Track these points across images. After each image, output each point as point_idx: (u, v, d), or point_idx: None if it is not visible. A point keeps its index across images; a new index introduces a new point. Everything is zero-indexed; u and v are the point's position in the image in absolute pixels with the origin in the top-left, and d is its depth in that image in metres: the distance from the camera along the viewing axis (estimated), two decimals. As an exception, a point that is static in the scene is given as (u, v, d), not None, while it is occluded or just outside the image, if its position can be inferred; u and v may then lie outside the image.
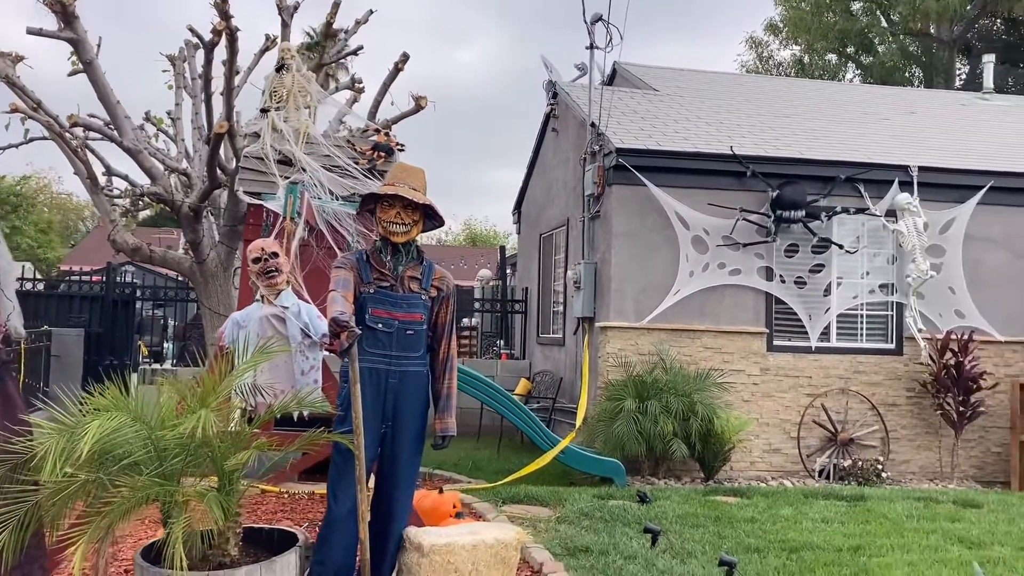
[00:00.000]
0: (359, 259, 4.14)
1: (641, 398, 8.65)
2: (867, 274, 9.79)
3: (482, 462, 9.60)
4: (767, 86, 14.19)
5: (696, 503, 7.32)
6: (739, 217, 9.32)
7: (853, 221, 9.72)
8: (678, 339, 9.34)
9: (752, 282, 9.49)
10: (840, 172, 9.60)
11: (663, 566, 5.45)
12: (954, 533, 6.54)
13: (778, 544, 6.04)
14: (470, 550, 4.25)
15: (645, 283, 9.34)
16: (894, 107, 13.30)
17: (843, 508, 7.35)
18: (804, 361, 9.58)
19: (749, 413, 9.35)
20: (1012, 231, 10.06)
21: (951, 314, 9.81)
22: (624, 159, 9.19)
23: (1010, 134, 12.19)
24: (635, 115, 10.74)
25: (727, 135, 10.22)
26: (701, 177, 9.47)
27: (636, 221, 9.37)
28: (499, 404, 8.15)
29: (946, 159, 10.27)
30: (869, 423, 9.62)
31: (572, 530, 6.34)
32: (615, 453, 8.50)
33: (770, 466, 9.44)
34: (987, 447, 9.87)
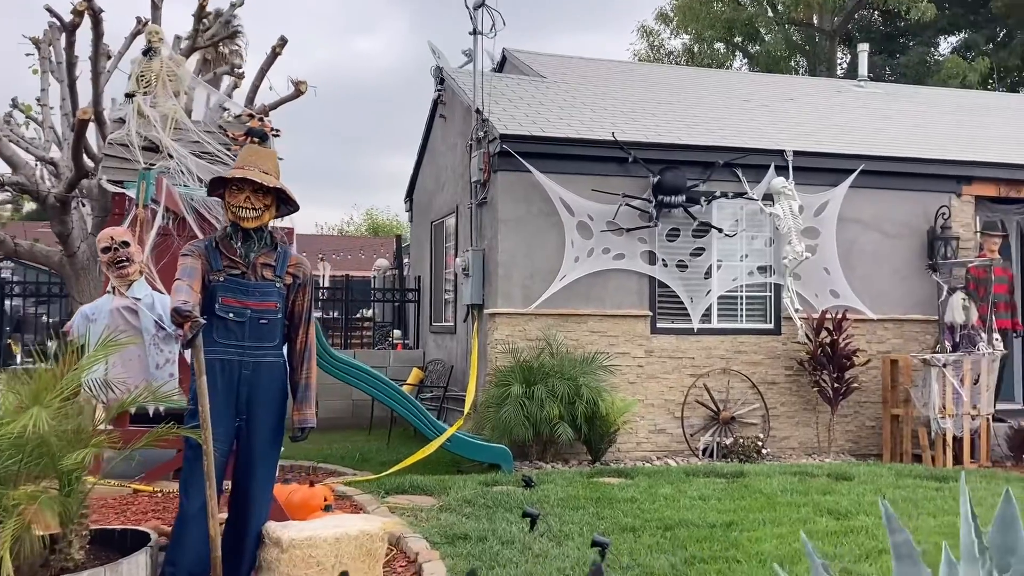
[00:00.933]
0: (208, 246, 3.99)
1: (528, 383, 8.68)
2: (746, 256, 10.04)
3: (371, 454, 9.48)
4: (653, 74, 14.40)
5: (579, 485, 7.39)
6: (622, 202, 9.42)
7: (732, 205, 9.95)
8: (565, 324, 9.40)
9: (636, 266, 9.61)
10: (719, 157, 9.80)
11: (539, 549, 5.47)
12: (824, 505, 6.77)
13: (654, 523, 6.14)
14: (333, 543, 4.16)
15: (532, 269, 9.36)
16: (774, 94, 13.67)
17: (722, 485, 7.53)
18: (687, 342, 9.78)
19: (635, 395, 9.49)
20: (883, 213, 10.47)
21: (826, 294, 10.15)
22: (508, 145, 9.18)
23: (881, 120, 12.68)
24: (521, 101, 10.74)
25: (611, 122, 10.32)
26: (585, 163, 9.54)
27: (522, 207, 9.38)
28: (383, 394, 8.05)
29: (820, 144, 10.61)
30: (750, 401, 9.89)
31: (453, 518, 6.31)
32: (503, 439, 8.50)
33: (656, 446, 9.61)
34: (862, 421, 10.27)
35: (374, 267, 21.24)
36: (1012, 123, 13.69)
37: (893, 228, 10.48)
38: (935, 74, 22.51)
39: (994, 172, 10.79)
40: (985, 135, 12.50)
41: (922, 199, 10.57)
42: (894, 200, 10.52)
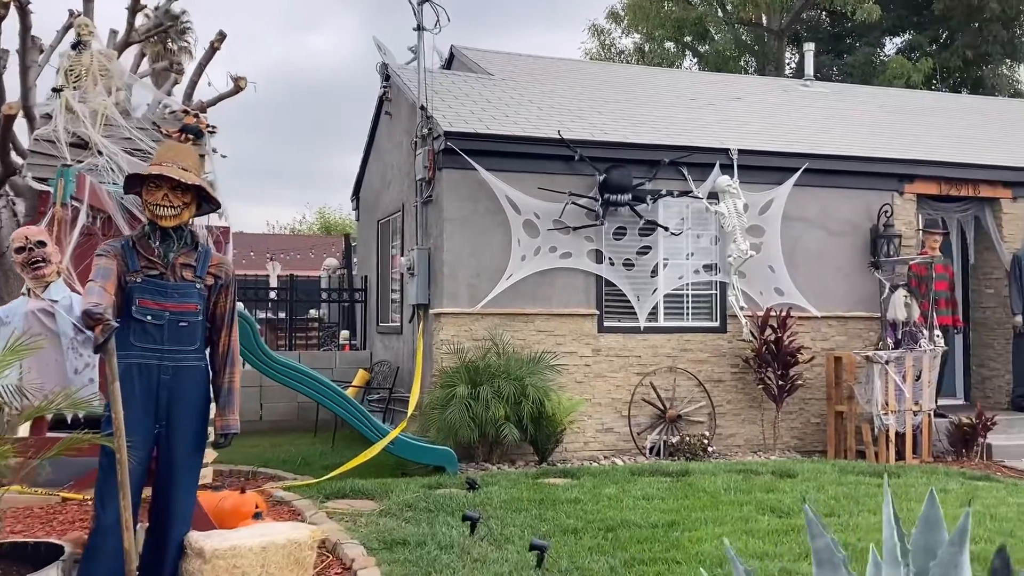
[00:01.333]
0: (124, 246, 3.83)
1: (474, 384, 8.58)
2: (692, 255, 10.06)
3: (314, 457, 9.30)
4: (602, 72, 14.39)
5: (524, 487, 7.31)
6: (568, 201, 9.37)
7: (678, 204, 9.96)
8: (512, 323, 9.31)
9: (583, 265, 9.56)
10: (664, 156, 9.79)
11: (478, 554, 5.37)
12: (766, 503, 6.77)
13: (597, 524, 6.08)
14: (259, 552, 4.02)
15: (478, 268, 9.26)
16: (721, 93, 13.73)
17: (666, 484, 7.50)
18: (634, 341, 9.75)
19: (582, 394, 9.44)
20: (827, 211, 10.55)
21: (771, 292, 10.20)
22: (453, 143, 9.07)
23: (826, 119, 12.80)
24: (467, 99, 10.64)
25: (558, 119, 10.26)
26: (531, 161, 9.47)
27: (468, 206, 9.28)
28: (323, 397, 7.89)
29: (765, 143, 10.66)
30: (697, 399, 9.90)
31: (393, 522, 6.19)
32: (448, 441, 8.40)
33: (603, 445, 9.57)
34: (807, 418, 10.34)
35: (323, 267, 20.97)
36: (954, 123, 13.92)
37: (837, 226, 10.58)
38: (880, 74, 22.86)
39: (935, 171, 10.94)
40: (928, 134, 12.69)
41: (865, 197, 10.68)
42: (838, 198, 10.61)
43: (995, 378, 11.50)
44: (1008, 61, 24.67)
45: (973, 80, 24.30)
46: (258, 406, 11.92)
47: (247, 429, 11.62)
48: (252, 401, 11.89)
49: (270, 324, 20.02)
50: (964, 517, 2.32)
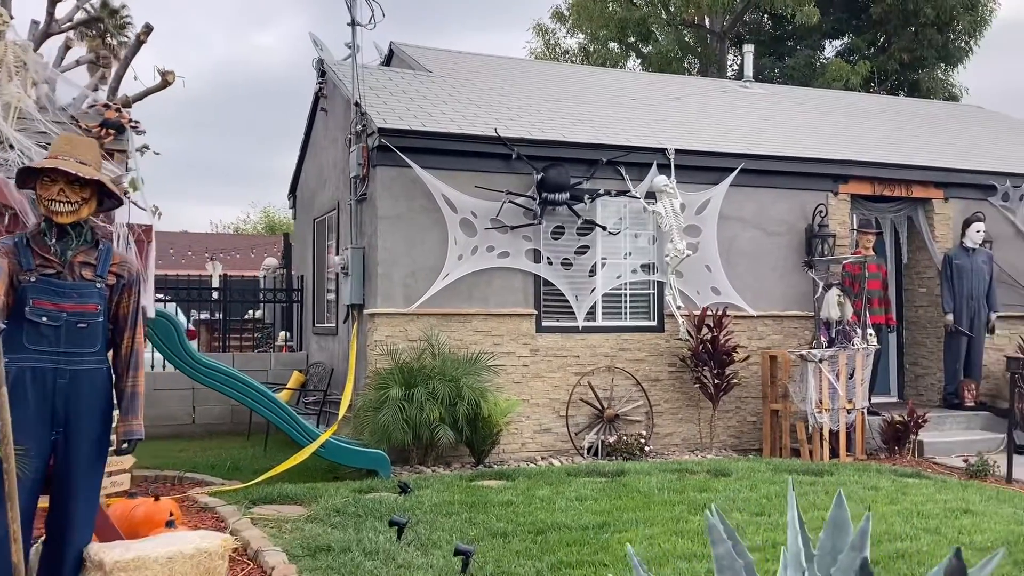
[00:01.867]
0: (18, 243, 3.64)
1: (408, 385, 8.44)
2: (629, 254, 10.04)
3: (244, 462, 9.07)
4: (544, 71, 14.33)
5: (457, 490, 7.20)
6: (505, 200, 9.28)
7: (616, 203, 9.93)
8: (448, 324, 9.19)
9: (520, 264, 9.48)
10: (602, 155, 9.76)
11: (403, 560, 5.25)
12: (699, 503, 6.75)
13: (527, 527, 5.99)
14: (164, 563, 3.85)
15: (414, 267, 9.12)
16: (662, 94, 13.77)
17: (601, 485, 7.45)
18: (572, 341, 9.70)
19: (520, 394, 9.36)
20: (763, 211, 10.62)
21: (708, 291, 10.23)
22: (387, 140, 8.92)
23: (763, 120, 12.90)
24: (404, 95, 10.49)
25: (495, 117, 10.16)
26: (468, 159, 9.35)
27: (403, 204, 9.13)
28: (251, 400, 7.68)
29: (703, 143, 10.69)
30: (634, 398, 9.88)
31: (319, 528, 6.04)
32: (381, 443, 8.25)
33: (541, 446, 9.50)
34: (743, 417, 10.39)
35: (263, 266, 20.57)
36: (889, 125, 14.14)
37: (773, 226, 10.65)
38: (820, 77, 23.20)
39: (869, 171, 11.08)
40: (863, 136, 12.86)
41: (801, 197, 10.77)
42: (774, 198, 10.69)
43: (927, 376, 11.70)
44: (943, 65, 25.22)
45: (909, 83, 24.80)
46: (191, 409, 11.63)
47: (178, 432, 11.42)
48: (184, 404, 11.60)
49: (207, 325, 19.60)
50: (864, 521, 2.28)
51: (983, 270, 11.03)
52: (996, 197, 11.78)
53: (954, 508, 6.75)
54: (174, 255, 31.33)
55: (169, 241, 31.17)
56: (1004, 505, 7.00)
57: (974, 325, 11.01)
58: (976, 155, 12.78)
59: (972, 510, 6.71)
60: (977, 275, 10.98)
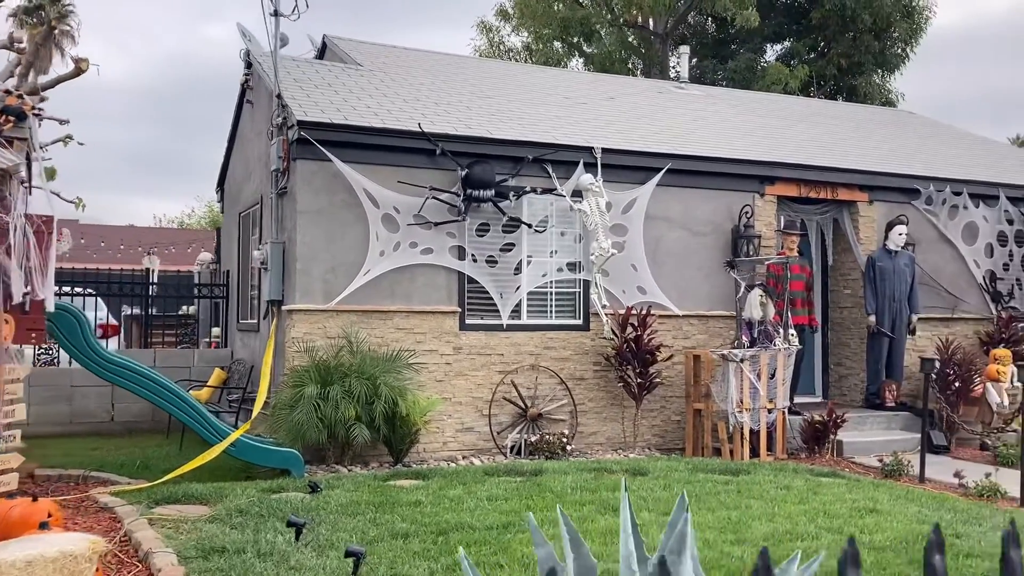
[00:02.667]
0: None
1: (325, 383, 8.30)
2: (555, 252, 10.00)
3: (156, 460, 8.84)
4: (479, 68, 14.24)
5: (367, 490, 7.07)
6: (429, 195, 9.17)
7: (542, 201, 9.88)
8: (369, 321, 9.06)
9: (444, 261, 9.39)
10: (528, 152, 9.70)
11: (296, 561, 5.13)
12: (610, 503, 6.72)
13: (431, 527, 5.90)
14: (23, 568, 3.69)
15: (334, 263, 8.97)
16: (597, 93, 13.77)
17: (515, 485, 7.39)
18: (496, 339, 9.63)
19: (442, 393, 9.27)
20: (690, 211, 10.65)
21: (634, 290, 10.23)
22: (307, 132, 8.75)
23: (695, 120, 12.97)
24: (329, 88, 10.32)
25: (422, 112, 10.05)
26: (392, 154, 9.23)
27: (324, 198, 8.97)
28: (158, 397, 7.49)
29: (631, 142, 10.69)
30: (559, 397, 9.85)
31: (218, 529, 5.88)
32: (296, 442, 8.10)
33: (463, 445, 9.41)
34: (668, 416, 10.42)
35: (197, 261, 20.21)
36: (820, 128, 14.32)
37: (699, 226, 10.70)
38: (760, 80, 23.46)
39: (796, 173, 11.19)
40: (793, 138, 13.00)
41: (727, 198, 10.84)
42: (701, 199, 10.73)
43: (851, 376, 11.86)
44: (880, 71, 25.67)
45: (848, 88, 25.20)
46: (109, 406, 11.33)
47: (96, 430, 11.12)
48: (103, 401, 11.30)
49: (137, 321, 19.21)
50: (683, 523, 2.23)
51: (905, 272, 11.20)
52: (920, 201, 11.99)
53: (861, 507, 6.81)
54: (107, 248, 30.70)
55: (101, 235, 30.49)
56: (911, 504, 7.09)
57: (896, 326, 11.18)
58: (902, 159, 13.00)
59: (878, 509, 6.77)
60: (899, 277, 11.15)
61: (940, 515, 6.71)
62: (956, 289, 12.23)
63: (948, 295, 12.15)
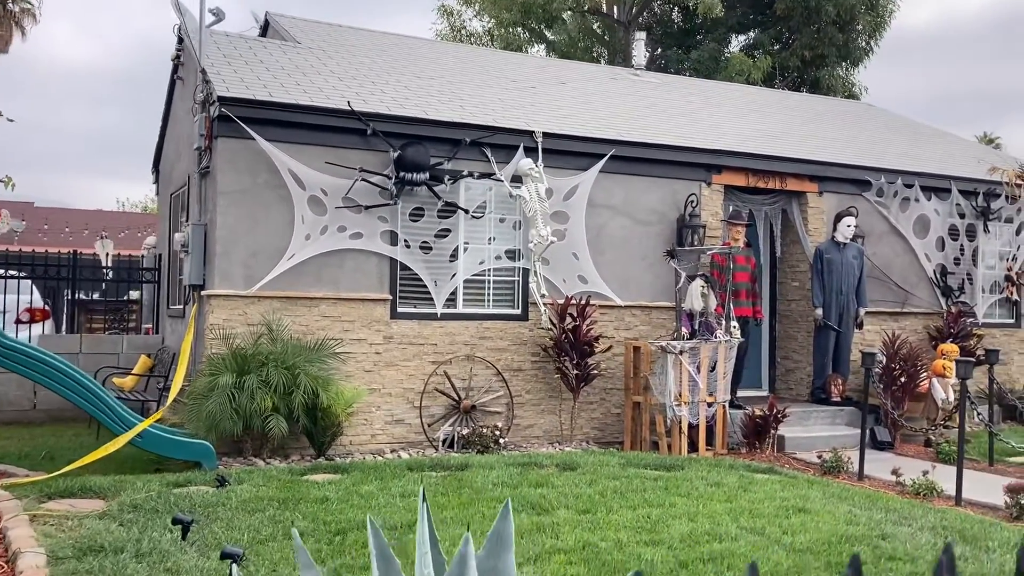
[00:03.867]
0: None
1: (241, 372, 7.92)
2: (493, 239, 9.67)
3: (66, 451, 8.42)
4: (428, 49, 13.82)
5: (277, 485, 6.72)
6: (358, 177, 8.80)
7: (480, 186, 9.54)
8: (293, 308, 8.68)
9: (375, 247, 9.02)
10: (466, 135, 9.35)
11: (174, 563, 4.78)
12: (529, 499, 6.43)
13: (331, 526, 5.57)
14: None
15: (256, 247, 8.57)
16: (549, 77, 13.44)
17: (436, 480, 7.08)
18: (429, 328, 9.29)
19: (371, 384, 8.92)
20: (634, 199, 10.36)
21: (575, 280, 9.93)
22: (229, 109, 8.34)
23: (648, 107, 12.68)
24: (261, 65, 9.90)
25: (356, 91, 9.66)
26: (320, 134, 8.84)
27: (246, 178, 8.57)
28: (57, 384, 7.07)
29: (574, 127, 10.36)
30: (495, 389, 9.54)
31: (104, 526, 5.51)
32: (210, 434, 7.72)
33: (393, 438, 9.08)
34: (608, 408, 10.14)
35: (144, 245, 19.67)
36: (776, 118, 14.09)
37: (644, 215, 10.41)
38: (724, 71, 23.22)
39: (743, 162, 10.93)
40: (747, 127, 12.74)
41: (673, 186, 10.56)
42: (646, 187, 10.45)
43: (798, 370, 11.66)
44: (844, 63, 25.51)
45: (811, 80, 25.04)
46: (31, 394, 10.86)
47: (17, 419, 10.66)
48: (24, 388, 10.82)
49: (84, 306, 18.67)
50: (463, 544, 1.93)
51: (853, 265, 10.99)
52: (871, 192, 11.79)
53: (790, 506, 6.57)
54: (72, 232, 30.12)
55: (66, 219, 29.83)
56: (843, 504, 6.85)
57: (843, 320, 10.97)
58: (856, 151, 12.80)
59: (808, 508, 6.53)
60: (847, 270, 10.94)
61: (871, 515, 6.49)
62: (906, 283, 12.07)
63: (898, 289, 11.99)
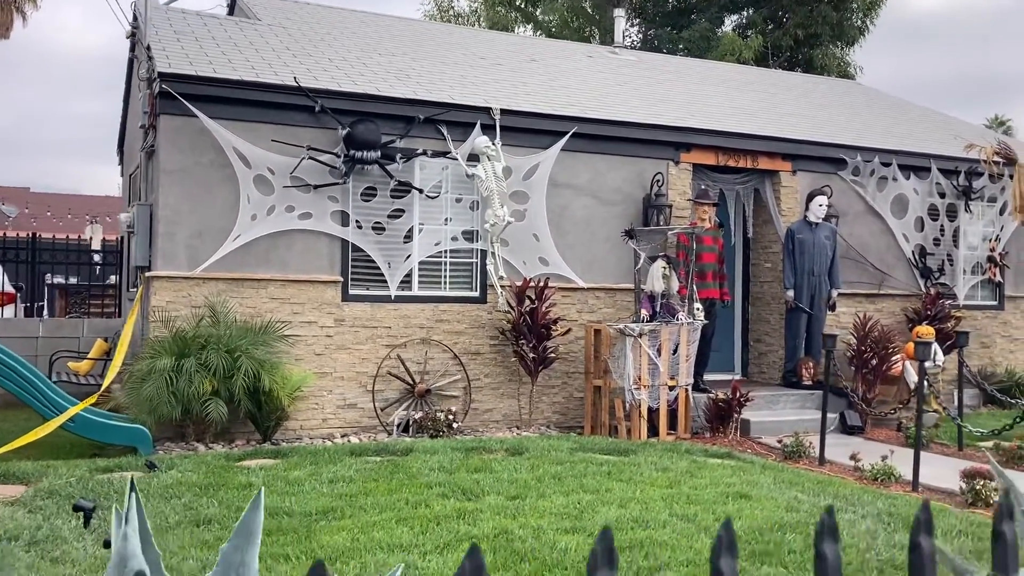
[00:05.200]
0: None
1: (182, 355, 7.73)
2: (450, 220, 9.43)
3: (9, 436, 8.21)
4: (397, 26, 13.48)
5: (206, 470, 6.53)
6: (305, 155, 8.56)
7: (435, 164, 9.30)
8: (240, 290, 8.48)
9: (325, 227, 8.80)
10: (420, 112, 9.11)
11: (64, 551, 4.60)
12: (461, 484, 6.23)
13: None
14: None
15: (201, 227, 8.36)
16: (522, 55, 13.15)
17: (373, 465, 6.88)
18: (383, 311, 9.08)
19: (322, 367, 8.73)
20: (599, 178, 10.11)
21: (536, 261, 9.70)
22: (170, 85, 8.12)
23: (618, 84, 12.39)
24: (212, 41, 9.66)
25: (308, 67, 9.42)
26: (268, 111, 8.61)
27: (190, 157, 8.35)
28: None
29: (535, 104, 10.10)
30: (452, 372, 9.33)
31: (10, 513, 5.34)
32: (150, 418, 7.54)
33: (345, 422, 8.89)
34: (571, 392, 9.93)
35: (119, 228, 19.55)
36: (753, 95, 13.78)
37: (609, 194, 10.16)
38: (715, 50, 22.82)
39: (712, 140, 10.66)
40: (723, 105, 12.45)
41: (639, 165, 10.30)
42: (611, 165, 10.19)
43: (771, 353, 11.42)
44: (839, 43, 25.09)
45: (805, 60, 24.63)
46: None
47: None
48: (-18, 373, 10.65)
49: (63, 290, 18.58)
50: (251, 509, 1.73)
51: (826, 245, 10.71)
52: (846, 171, 11.50)
53: (733, 493, 6.35)
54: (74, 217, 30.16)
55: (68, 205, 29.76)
56: (791, 490, 6.62)
57: (815, 302, 10.71)
58: (834, 129, 12.50)
59: (751, 495, 6.31)
60: (819, 250, 10.66)
61: (816, 501, 6.26)
62: (883, 264, 11.79)
63: (875, 270, 11.71)
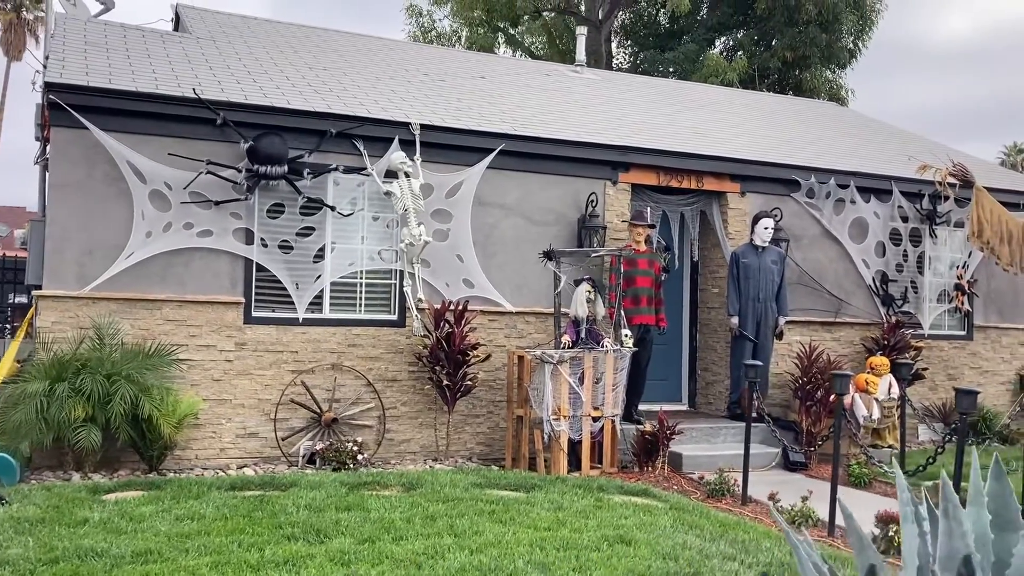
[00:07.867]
0: None
1: (58, 379, 7.30)
2: (365, 239, 8.99)
3: None
4: (343, 42, 13.03)
5: (55, 504, 6.07)
6: (203, 170, 8.15)
7: (350, 181, 8.88)
8: (133, 311, 8.05)
9: (227, 245, 8.38)
10: (332, 126, 8.70)
11: None
12: (318, 525, 5.72)
13: (55, 553, 4.92)
14: None
15: (91, 245, 7.96)
16: (470, 72, 12.77)
17: (239, 501, 6.38)
18: (290, 334, 8.63)
19: (221, 393, 8.28)
20: (530, 197, 9.66)
21: (459, 283, 9.24)
22: (57, 95, 7.75)
23: (565, 103, 11.96)
24: (124, 54, 9.31)
25: (218, 79, 9.03)
26: (167, 124, 8.22)
27: (81, 171, 7.96)
28: None
29: (459, 120, 9.67)
30: (365, 401, 8.85)
31: None
32: (23, 446, 7.11)
33: (245, 452, 8.41)
34: (496, 422, 9.42)
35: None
36: (708, 114, 13.31)
37: (541, 215, 9.70)
38: (700, 72, 22.40)
39: (653, 159, 10.19)
40: (671, 124, 12.01)
41: (575, 185, 9.85)
42: (544, 184, 9.74)
43: (717, 383, 10.87)
44: (832, 66, 24.60)
45: (793, 82, 24.16)
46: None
47: None
48: None
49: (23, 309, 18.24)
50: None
51: (772, 270, 10.18)
52: (800, 193, 10.99)
53: (615, 536, 5.82)
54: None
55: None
56: (687, 534, 6.06)
57: (760, 330, 10.16)
58: (790, 149, 12.00)
59: (635, 539, 5.77)
60: (765, 275, 10.13)
61: (706, 547, 5.71)
62: (841, 291, 11.25)
63: (831, 297, 11.16)
